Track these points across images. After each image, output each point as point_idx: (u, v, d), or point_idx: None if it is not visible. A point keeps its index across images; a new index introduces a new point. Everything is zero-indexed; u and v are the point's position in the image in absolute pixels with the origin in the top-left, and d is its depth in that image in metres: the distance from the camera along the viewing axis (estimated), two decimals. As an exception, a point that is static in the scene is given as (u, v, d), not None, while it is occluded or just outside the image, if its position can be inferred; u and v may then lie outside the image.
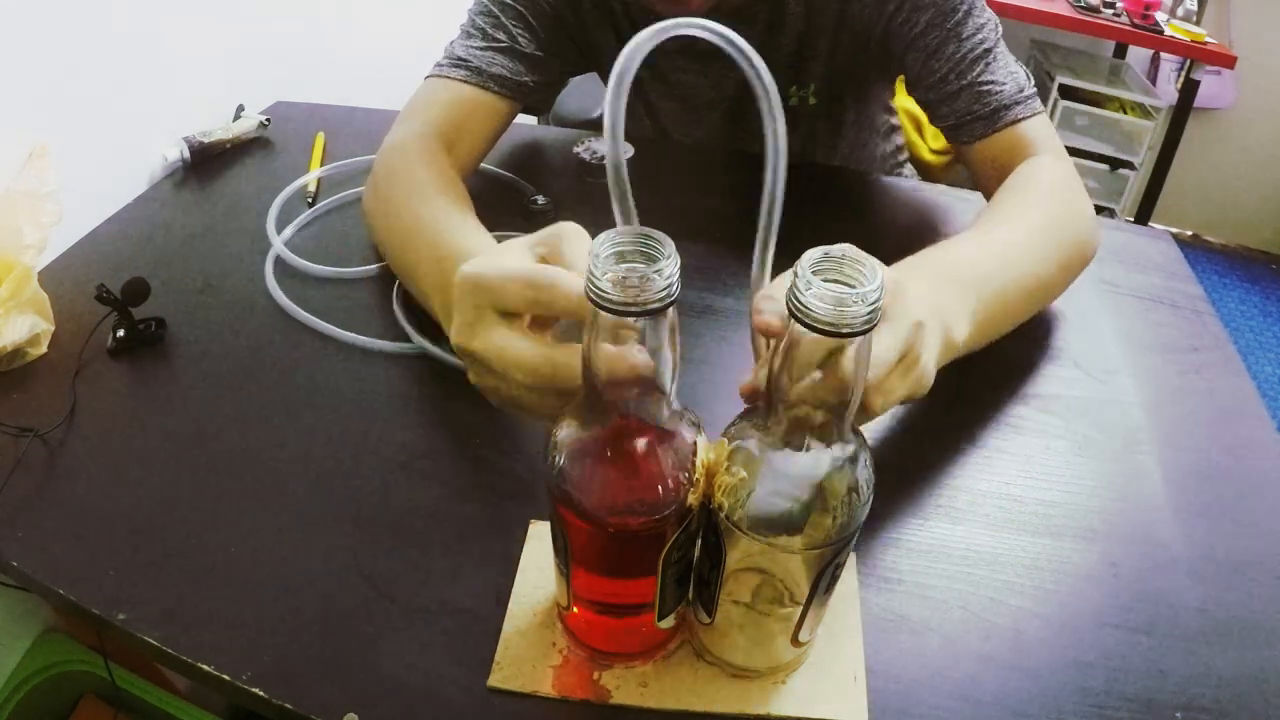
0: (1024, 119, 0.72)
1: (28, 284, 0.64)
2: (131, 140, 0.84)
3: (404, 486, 0.55)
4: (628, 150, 0.90)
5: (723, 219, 0.84)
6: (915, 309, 0.47)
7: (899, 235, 0.84)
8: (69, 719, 0.81)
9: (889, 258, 0.44)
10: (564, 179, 0.90)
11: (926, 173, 1.13)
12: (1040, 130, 0.73)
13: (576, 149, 0.90)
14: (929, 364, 0.48)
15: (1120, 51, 2.50)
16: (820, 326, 0.30)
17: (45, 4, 0.73)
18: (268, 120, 0.95)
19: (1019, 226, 0.63)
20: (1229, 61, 2.02)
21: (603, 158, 0.89)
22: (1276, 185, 2.51)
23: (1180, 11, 2.17)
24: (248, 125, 0.93)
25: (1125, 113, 2.33)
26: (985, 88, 0.72)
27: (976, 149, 0.74)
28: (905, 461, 0.59)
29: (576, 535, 0.39)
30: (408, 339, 0.65)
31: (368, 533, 0.52)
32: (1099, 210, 2.36)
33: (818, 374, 0.33)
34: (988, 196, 0.74)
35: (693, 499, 0.38)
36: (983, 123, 0.72)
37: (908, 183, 0.96)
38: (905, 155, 1.11)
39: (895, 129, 1.08)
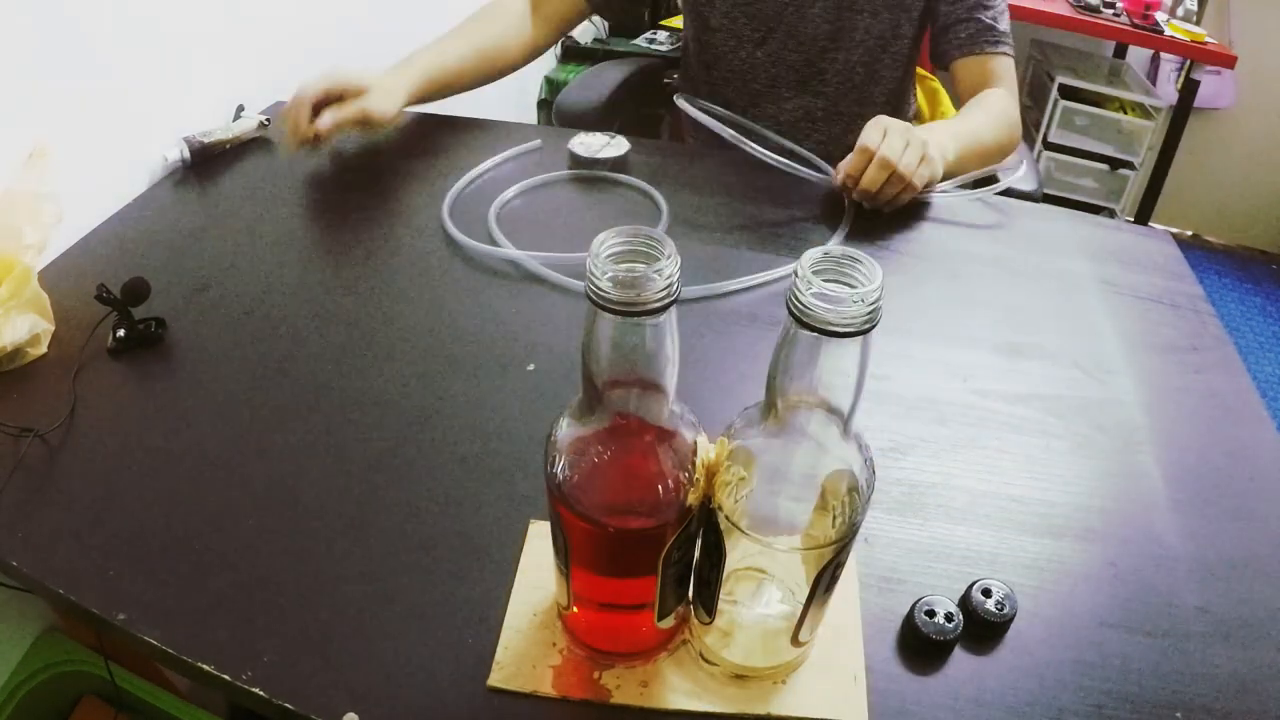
0: (1001, 55, 1.00)
1: (28, 284, 0.64)
2: (131, 140, 0.84)
3: (404, 486, 0.55)
4: (622, 146, 0.91)
5: (723, 218, 0.84)
6: (898, 123, 0.82)
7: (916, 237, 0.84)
8: (69, 719, 0.81)
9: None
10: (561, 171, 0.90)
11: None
12: (1007, 68, 1.02)
13: (570, 143, 0.90)
14: (898, 124, 0.82)
15: (1120, 51, 2.50)
16: (820, 326, 0.30)
17: (46, 4, 0.73)
18: (268, 120, 0.95)
19: (982, 119, 0.95)
20: (1229, 61, 2.02)
21: (596, 151, 0.90)
22: (1276, 185, 2.50)
23: (1180, 11, 2.17)
24: (248, 125, 0.93)
25: (1125, 113, 2.33)
26: (989, 22, 1.00)
27: (964, 64, 1.02)
28: (905, 461, 0.59)
29: (576, 535, 0.39)
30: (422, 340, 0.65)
31: (368, 532, 0.52)
32: (1099, 210, 2.37)
33: (818, 373, 0.33)
34: (958, 103, 1.04)
35: (693, 499, 0.38)
36: (978, 44, 1.00)
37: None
38: None
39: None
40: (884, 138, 0.82)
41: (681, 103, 0.88)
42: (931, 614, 0.47)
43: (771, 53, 1.04)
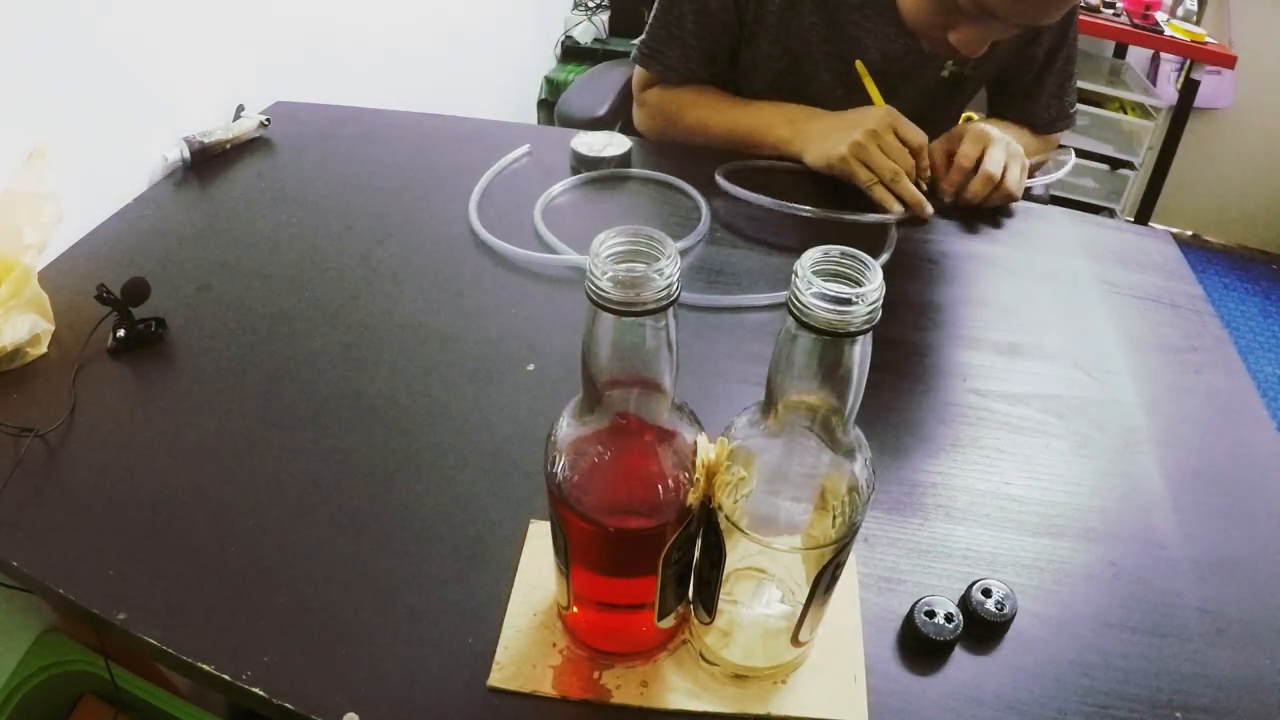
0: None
1: (28, 284, 0.64)
2: (131, 140, 0.84)
3: (404, 486, 0.55)
4: (625, 144, 0.91)
5: (722, 218, 0.84)
6: (995, 134, 0.87)
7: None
8: (69, 719, 0.81)
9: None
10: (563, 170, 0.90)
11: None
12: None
13: (572, 142, 0.90)
14: (998, 135, 0.87)
15: (1120, 51, 2.50)
16: (820, 326, 0.30)
17: (45, 4, 0.73)
18: (268, 120, 0.95)
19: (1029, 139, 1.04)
20: (1229, 61, 2.02)
21: (600, 150, 0.90)
22: (1276, 185, 2.50)
23: (1180, 11, 2.17)
24: (248, 125, 0.93)
25: (1125, 113, 2.33)
26: (1056, 108, 1.03)
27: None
28: (905, 461, 0.59)
29: (576, 535, 0.39)
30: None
31: (368, 532, 0.52)
32: (1099, 210, 2.38)
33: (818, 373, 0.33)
34: None
35: (693, 499, 0.38)
36: (1060, 125, 1.05)
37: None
38: None
39: None
40: (984, 153, 0.86)
41: (723, 182, 0.86)
42: (931, 614, 0.47)
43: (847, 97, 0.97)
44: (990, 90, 1.08)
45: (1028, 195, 0.93)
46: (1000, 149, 0.86)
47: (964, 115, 1.35)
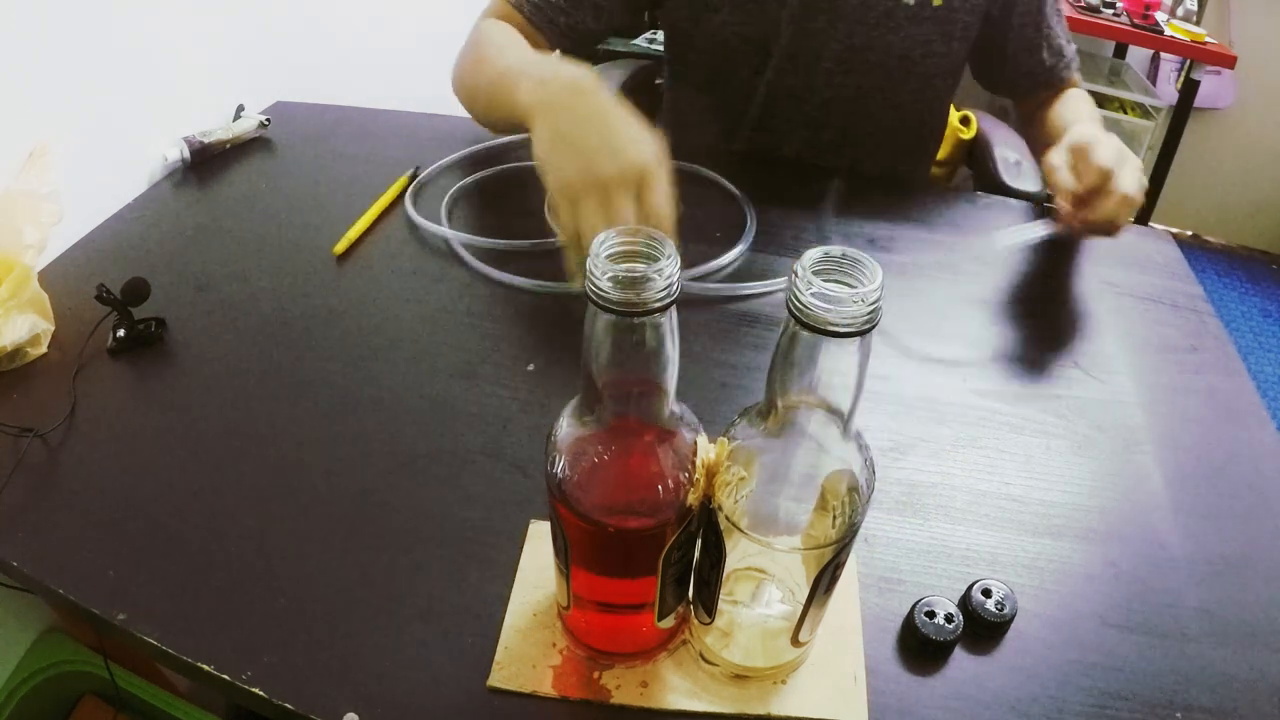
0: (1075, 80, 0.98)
1: (28, 284, 0.64)
2: (131, 140, 0.84)
3: (404, 486, 0.55)
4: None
5: (722, 217, 0.84)
6: (1119, 147, 0.73)
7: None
8: (69, 719, 0.81)
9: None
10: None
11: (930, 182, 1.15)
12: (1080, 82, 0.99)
13: None
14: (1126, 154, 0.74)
15: (1120, 51, 2.50)
16: (820, 326, 0.30)
17: (45, 4, 0.73)
18: (268, 120, 0.95)
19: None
20: (1229, 61, 2.02)
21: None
22: (1276, 185, 2.50)
23: (1180, 11, 2.17)
24: (248, 125, 0.93)
25: (1125, 113, 2.33)
26: (1055, 51, 0.94)
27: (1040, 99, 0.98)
28: (905, 461, 0.59)
29: (576, 535, 0.39)
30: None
31: (368, 532, 0.52)
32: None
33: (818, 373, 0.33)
34: (1025, 113, 1.02)
35: (693, 499, 0.38)
36: (1050, 88, 0.97)
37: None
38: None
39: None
40: (1116, 172, 0.71)
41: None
42: (931, 614, 0.47)
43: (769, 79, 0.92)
44: (984, 64, 0.98)
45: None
46: (1132, 170, 0.72)
47: (960, 114, 1.35)
